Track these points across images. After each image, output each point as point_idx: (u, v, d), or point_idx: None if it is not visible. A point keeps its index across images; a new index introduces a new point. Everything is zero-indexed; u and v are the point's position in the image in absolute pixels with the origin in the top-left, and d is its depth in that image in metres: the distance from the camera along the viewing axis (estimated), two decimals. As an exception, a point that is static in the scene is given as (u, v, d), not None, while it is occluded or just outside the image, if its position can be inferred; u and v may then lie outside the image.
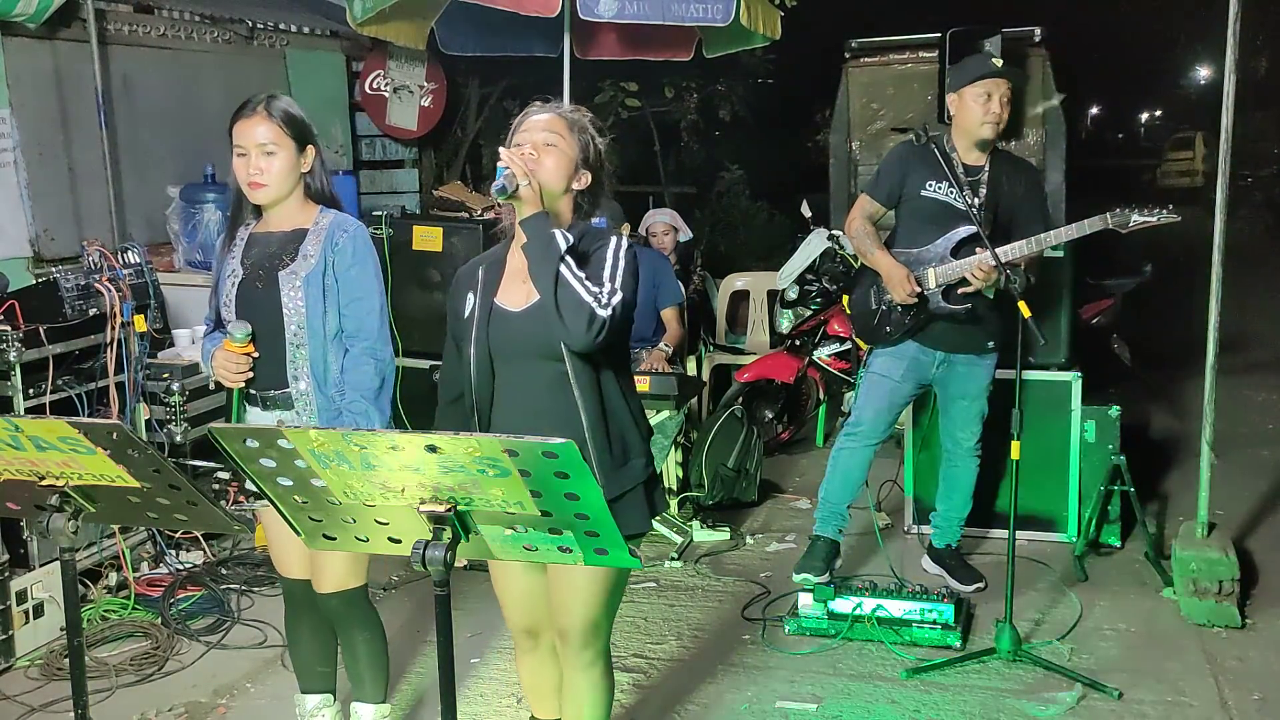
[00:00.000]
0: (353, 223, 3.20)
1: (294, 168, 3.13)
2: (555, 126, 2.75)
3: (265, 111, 3.11)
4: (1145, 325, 8.40)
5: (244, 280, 3.16)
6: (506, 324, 2.75)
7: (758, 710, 3.81)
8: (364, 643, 3.32)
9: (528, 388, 2.73)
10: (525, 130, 2.75)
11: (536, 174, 2.66)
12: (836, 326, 6.75)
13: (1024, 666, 3.99)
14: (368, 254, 3.17)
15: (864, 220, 4.53)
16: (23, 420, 2.27)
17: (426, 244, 6.21)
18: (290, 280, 3.11)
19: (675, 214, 7.23)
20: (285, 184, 3.13)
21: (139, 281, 4.69)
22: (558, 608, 2.83)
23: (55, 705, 3.85)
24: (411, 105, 7.90)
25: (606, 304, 2.60)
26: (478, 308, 2.78)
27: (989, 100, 4.28)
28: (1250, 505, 5.57)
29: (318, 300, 3.11)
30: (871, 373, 4.64)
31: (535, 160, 2.69)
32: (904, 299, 4.38)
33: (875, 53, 8.07)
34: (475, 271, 2.86)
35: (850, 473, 4.65)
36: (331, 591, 3.23)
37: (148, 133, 6.18)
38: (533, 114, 2.79)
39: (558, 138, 2.73)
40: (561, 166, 2.73)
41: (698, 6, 5.61)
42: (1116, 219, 4.12)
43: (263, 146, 3.08)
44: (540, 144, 2.72)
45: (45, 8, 5.25)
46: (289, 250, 3.15)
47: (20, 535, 4.20)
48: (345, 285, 3.13)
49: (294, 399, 3.15)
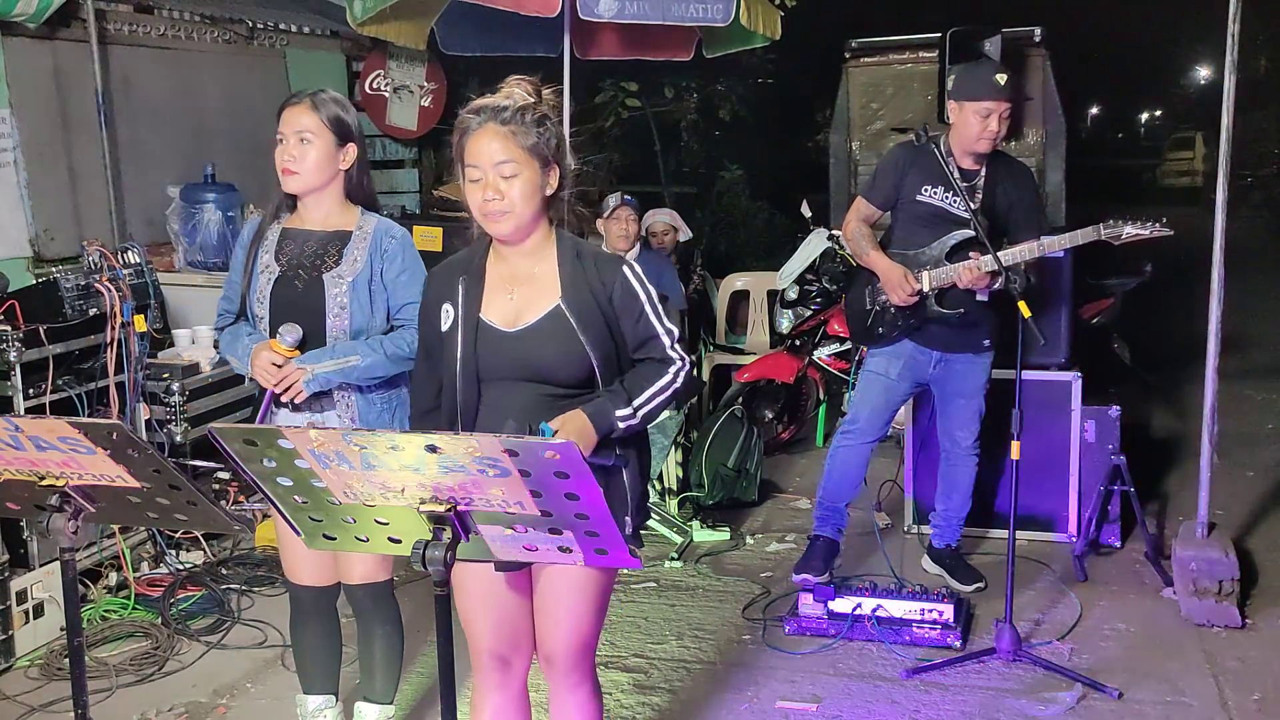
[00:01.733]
0: (398, 228, 3.20)
1: (330, 160, 3.12)
2: (508, 152, 2.49)
3: (310, 101, 3.12)
4: (1145, 325, 8.40)
5: (280, 278, 3.13)
6: (496, 345, 2.58)
7: (758, 710, 3.80)
8: (383, 638, 3.33)
9: (517, 408, 2.56)
10: (474, 162, 2.51)
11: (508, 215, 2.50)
12: (836, 326, 6.75)
13: (1024, 666, 3.99)
14: (415, 259, 3.18)
15: (859, 222, 4.54)
16: (23, 420, 2.27)
17: (426, 244, 6.21)
18: (337, 283, 3.10)
19: (675, 214, 7.23)
20: (318, 175, 3.11)
21: (139, 281, 4.69)
22: (546, 633, 2.70)
23: (55, 705, 3.85)
24: (411, 105, 7.91)
25: (678, 357, 2.62)
26: (461, 323, 2.59)
27: (988, 118, 4.27)
28: (1250, 505, 5.57)
29: (364, 305, 3.11)
30: (867, 371, 4.65)
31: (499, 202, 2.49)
32: (903, 300, 4.38)
33: (875, 53, 8.07)
34: (452, 280, 2.64)
35: (847, 472, 4.65)
36: (359, 584, 3.25)
37: (148, 133, 6.19)
38: (473, 132, 2.51)
39: (514, 164, 2.49)
40: (529, 191, 2.51)
41: (698, 6, 5.61)
42: (1109, 230, 4.12)
43: (300, 133, 3.08)
44: (498, 180, 2.50)
45: (45, 8, 5.25)
46: (331, 252, 3.13)
47: (20, 535, 4.20)
48: (395, 291, 3.14)
49: (336, 400, 3.14)
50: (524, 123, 2.51)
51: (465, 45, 6.89)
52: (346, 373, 3.07)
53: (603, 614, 2.73)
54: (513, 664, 2.74)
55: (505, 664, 2.73)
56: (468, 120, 2.54)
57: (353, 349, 3.08)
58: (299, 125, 3.09)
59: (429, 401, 2.71)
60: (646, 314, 2.61)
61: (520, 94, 2.55)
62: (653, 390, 2.60)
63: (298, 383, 3.04)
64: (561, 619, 2.67)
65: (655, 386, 2.60)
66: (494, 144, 2.49)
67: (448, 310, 2.63)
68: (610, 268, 2.61)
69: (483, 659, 2.72)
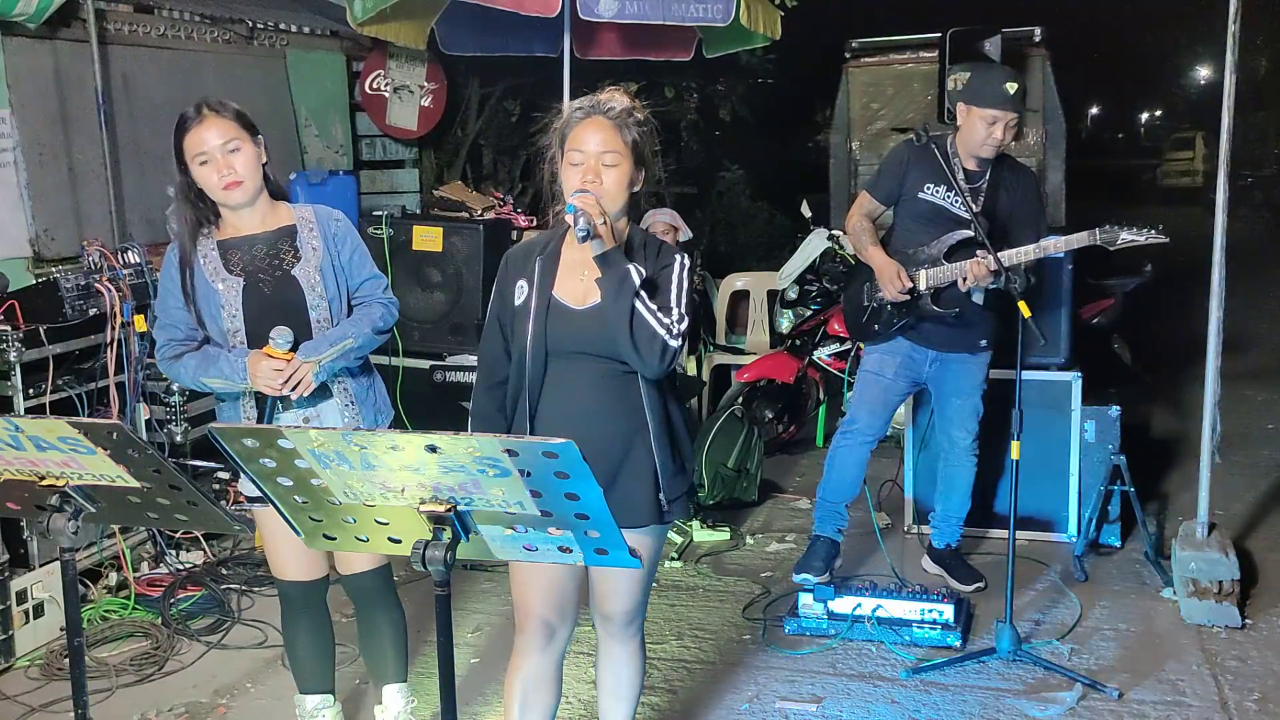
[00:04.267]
0: (336, 210, 3.28)
1: (258, 159, 3.12)
2: (612, 143, 2.72)
3: (214, 112, 3.08)
4: (1145, 325, 8.40)
5: (246, 287, 3.14)
6: (567, 321, 2.76)
7: (758, 710, 3.81)
8: (389, 623, 3.39)
9: (582, 383, 2.77)
10: (579, 147, 2.72)
11: (601, 200, 2.67)
12: (836, 326, 6.75)
13: (1024, 666, 3.99)
14: (358, 237, 3.29)
15: (862, 217, 4.55)
16: (23, 420, 2.27)
17: (426, 244, 6.22)
18: (308, 274, 3.15)
19: (675, 214, 7.22)
20: (255, 178, 3.11)
21: (139, 281, 4.69)
22: (604, 596, 2.91)
23: (55, 705, 3.85)
24: (411, 105, 7.90)
25: (677, 334, 2.70)
26: (534, 299, 2.78)
27: (994, 125, 4.27)
28: (1250, 505, 5.57)
29: (334, 289, 3.18)
30: (865, 371, 4.65)
31: (597, 185, 2.69)
32: (894, 295, 4.39)
33: (875, 53, 8.08)
34: (529, 259, 2.84)
35: (846, 471, 4.65)
36: (362, 571, 3.29)
37: (148, 133, 6.18)
38: (580, 122, 2.74)
39: (616, 155, 2.72)
40: (623, 183, 2.74)
41: (698, 6, 5.61)
42: (1105, 235, 4.13)
43: (226, 144, 3.05)
44: (600, 167, 2.70)
45: (45, 8, 5.24)
46: (285, 249, 3.16)
47: (20, 535, 4.20)
48: (351, 270, 3.23)
49: (332, 388, 3.19)
50: (628, 121, 2.75)
51: (465, 45, 6.89)
52: (346, 354, 3.14)
53: (653, 575, 2.98)
54: (558, 633, 2.90)
55: (551, 631, 2.88)
56: (575, 110, 2.77)
57: (344, 332, 3.14)
58: (223, 136, 3.05)
59: (498, 375, 2.89)
60: (672, 288, 2.75)
61: (622, 98, 2.79)
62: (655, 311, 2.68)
63: (307, 376, 3.07)
64: (618, 586, 2.88)
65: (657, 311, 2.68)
66: (601, 134, 2.72)
67: (522, 287, 2.82)
68: (668, 254, 2.81)
69: (530, 622, 2.87)
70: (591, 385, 2.76)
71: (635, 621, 2.97)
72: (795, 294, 7.06)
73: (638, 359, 2.67)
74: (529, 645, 2.88)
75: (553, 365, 2.79)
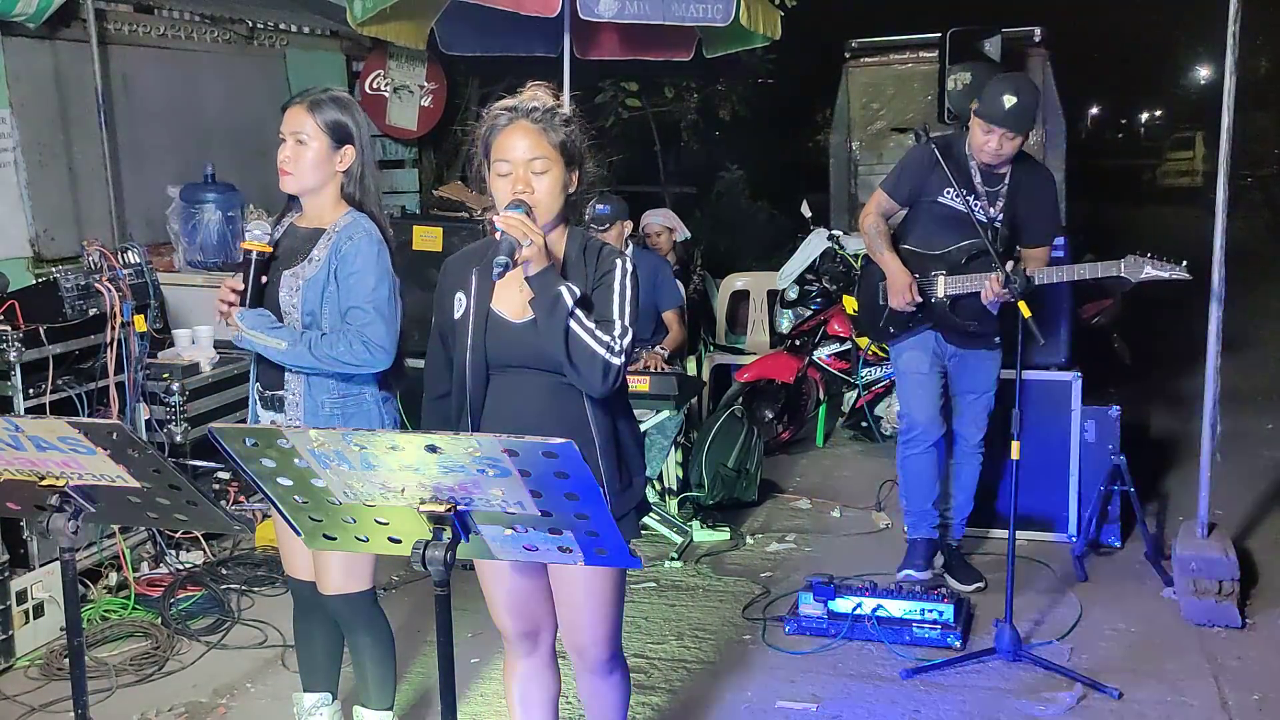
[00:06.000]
0: (361, 230, 3.10)
1: (324, 162, 3.10)
2: (539, 148, 2.57)
3: (308, 104, 3.11)
4: (1145, 325, 8.40)
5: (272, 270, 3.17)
6: (506, 335, 2.66)
7: (758, 710, 3.81)
8: (368, 648, 3.30)
9: (524, 396, 2.67)
10: (505, 156, 2.58)
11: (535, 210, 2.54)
12: (836, 326, 6.76)
13: (1024, 666, 3.99)
14: (370, 263, 3.06)
15: (878, 217, 4.56)
16: (23, 420, 2.27)
17: (426, 244, 6.22)
18: (291, 282, 3.10)
19: (670, 214, 7.21)
20: (312, 177, 3.11)
21: (139, 281, 4.68)
22: (569, 627, 2.82)
23: (55, 705, 3.85)
24: (411, 105, 7.91)
25: (619, 350, 2.54)
26: (471, 312, 2.68)
27: (989, 135, 4.30)
28: (1250, 505, 5.57)
29: (315, 304, 3.08)
30: (902, 372, 4.65)
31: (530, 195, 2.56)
32: (900, 306, 4.44)
33: (875, 53, 8.09)
34: (466, 271, 2.72)
35: (922, 476, 4.64)
36: (333, 594, 3.22)
37: (148, 133, 6.18)
38: (503, 129, 2.60)
39: (545, 160, 2.57)
40: (556, 189, 2.60)
41: (698, 6, 5.61)
42: (1130, 268, 4.18)
43: (296, 135, 3.09)
44: (529, 175, 2.57)
45: (45, 8, 5.25)
46: (304, 249, 3.14)
47: (20, 535, 4.20)
48: (345, 291, 3.07)
49: (286, 401, 3.13)
50: (553, 122, 2.61)
51: (465, 45, 6.89)
52: (268, 351, 3.05)
53: (620, 602, 2.83)
54: (540, 636, 2.90)
55: (533, 638, 2.89)
56: (497, 117, 2.63)
57: (286, 335, 3.05)
58: (295, 127, 3.09)
59: (442, 388, 2.80)
60: (613, 298, 2.61)
61: (544, 96, 2.66)
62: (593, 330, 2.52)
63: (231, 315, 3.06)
64: (583, 617, 2.79)
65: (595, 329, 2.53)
66: (527, 139, 2.58)
67: (460, 299, 2.72)
68: (609, 260, 2.66)
69: (510, 635, 2.89)
70: (534, 399, 2.65)
71: (609, 653, 2.84)
72: (795, 294, 7.07)
73: (579, 379, 2.55)
74: (515, 652, 2.92)
75: (494, 379, 2.68)
